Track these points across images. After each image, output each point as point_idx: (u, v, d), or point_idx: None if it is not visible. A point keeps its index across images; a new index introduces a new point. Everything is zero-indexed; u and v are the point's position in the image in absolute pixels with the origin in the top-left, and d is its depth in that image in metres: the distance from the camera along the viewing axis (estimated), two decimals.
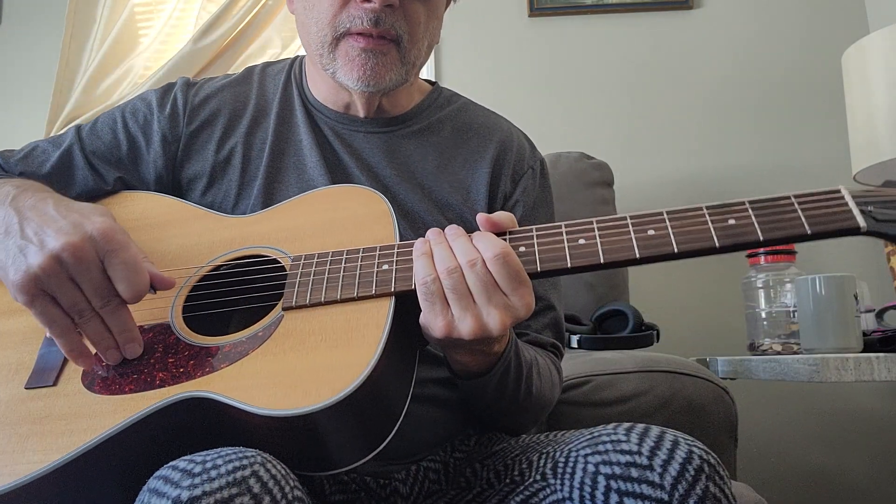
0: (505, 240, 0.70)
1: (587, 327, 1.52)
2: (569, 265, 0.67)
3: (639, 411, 1.18)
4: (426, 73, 2.08)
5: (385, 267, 0.71)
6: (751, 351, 1.55)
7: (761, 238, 0.64)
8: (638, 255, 0.66)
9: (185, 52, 2.03)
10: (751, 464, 1.89)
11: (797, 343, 1.44)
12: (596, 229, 0.68)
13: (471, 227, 0.91)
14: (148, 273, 0.70)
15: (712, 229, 0.65)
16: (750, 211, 0.65)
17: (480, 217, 0.71)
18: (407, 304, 0.70)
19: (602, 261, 0.66)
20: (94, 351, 0.70)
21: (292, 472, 0.60)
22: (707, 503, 0.58)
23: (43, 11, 2.22)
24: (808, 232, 0.63)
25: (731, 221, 0.65)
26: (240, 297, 0.78)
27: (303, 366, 0.65)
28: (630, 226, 0.67)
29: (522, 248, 0.69)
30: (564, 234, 0.69)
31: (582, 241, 0.68)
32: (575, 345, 1.48)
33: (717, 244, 0.64)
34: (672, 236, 0.65)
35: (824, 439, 1.93)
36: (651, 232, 0.66)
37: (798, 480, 1.91)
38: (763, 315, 1.52)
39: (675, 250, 0.65)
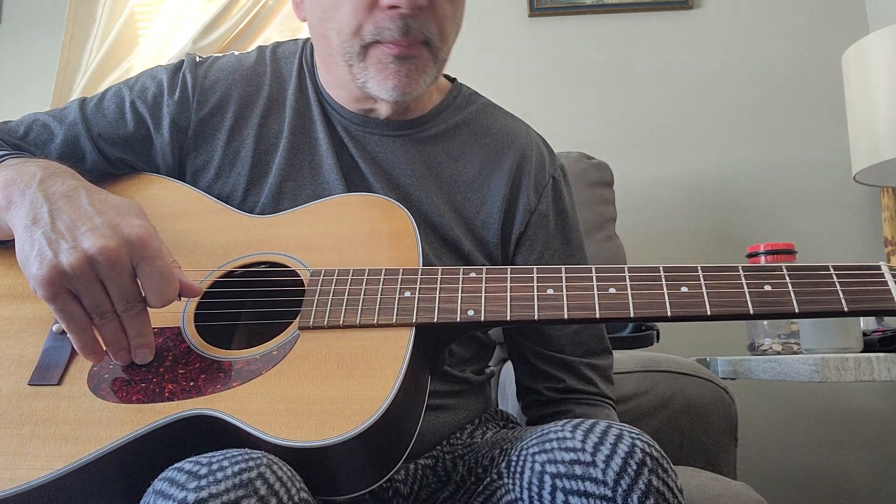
0: (532, 277, 0.69)
1: None
2: (597, 315, 0.66)
3: (639, 411, 1.18)
4: None
5: (407, 294, 0.69)
6: (751, 351, 1.55)
7: (797, 310, 0.62)
8: (670, 314, 0.64)
9: (185, 52, 2.03)
10: (751, 464, 1.88)
11: (797, 343, 1.44)
12: (627, 279, 0.67)
13: (482, 241, 0.90)
14: (178, 281, 0.67)
15: (747, 294, 0.64)
16: (787, 278, 0.64)
17: None
18: (423, 334, 0.68)
19: (632, 314, 0.65)
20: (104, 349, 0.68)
21: (298, 473, 0.59)
22: (651, 497, 0.58)
23: (43, 11, 2.22)
24: (846, 309, 0.62)
25: (767, 288, 0.64)
26: (255, 309, 0.76)
27: (317, 395, 0.63)
28: (663, 279, 0.66)
29: (550, 291, 0.67)
30: (595, 281, 0.67)
31: (612, 291, 0.66)
32: None
33: (751, 311, 0.63)
34: (706, 297, 0.64)
35: (824, 439, 1.93)
36: (684, 289, 0.65)
37: (798, 480, 1.91)
38: None
39: (708, 312, 0.63)
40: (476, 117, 0.95)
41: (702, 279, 0.65)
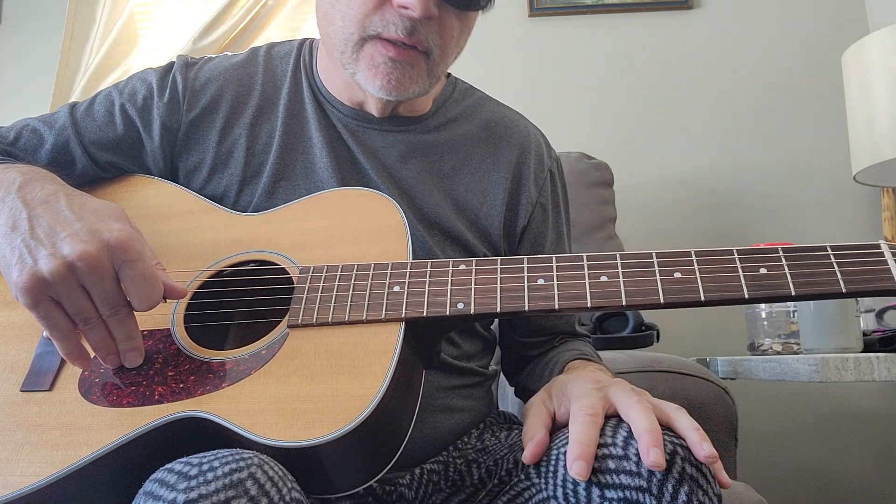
0: (522, 267, 0.68)
1: (587, 327, 1.53)
2: (589, 304, 0.64)
3: None
4: None
5: (396, 289, 0.68)
6: (751, 351, 1.55)
7: (793, 293, 0.60)
8: (662, 300, 0.62)
9: (185, 52, 2.04)
10: (751, 464, 1.88)
11: (797, 343, 1.44)
12: (619, 266, 0.65)
13: (485, 232, 0.90)
14: (162, 284, 0.67)
15: (742, 278, 0.62)
16: (783, 260, 0.62)
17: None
18: (415, 328, 0.68)
19: (624, 303, 0.63)
20: (93, 354, 0.68)
21: (290, 473, 0.59)
22: (685, 483, 0.58)
23: (43, 11, 2.22)
24: (844, 290, 0.60)
25: (763, 271, 0.62)
26: (245, 308, 0.76)
27: (307, 393, 0.63)
28: (656, 265, 0.64)
29: (541, 281, 0.66)
30: (586, 269, 0.66)
31: (604, 279, 0.65)
32: None
33: (746, 295, 0.61)
34: (699, 282, 0.62)
35: (824, 439, 1.93)
36: (677, 275, 0.63)
37: (798, 480, 1.91)
38: (763, 315, 1.52)
39: (702, 298, 0.61)
40: (474, 111, 0.95)
41: (695, 264, 0.64)
